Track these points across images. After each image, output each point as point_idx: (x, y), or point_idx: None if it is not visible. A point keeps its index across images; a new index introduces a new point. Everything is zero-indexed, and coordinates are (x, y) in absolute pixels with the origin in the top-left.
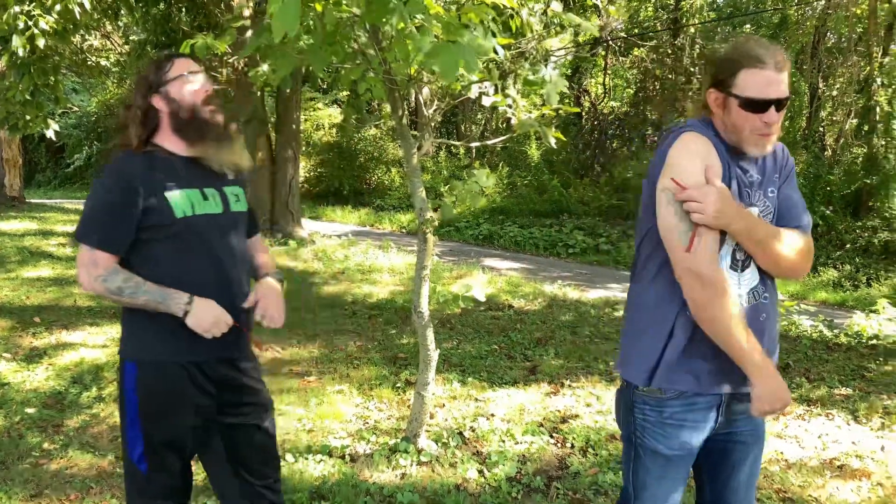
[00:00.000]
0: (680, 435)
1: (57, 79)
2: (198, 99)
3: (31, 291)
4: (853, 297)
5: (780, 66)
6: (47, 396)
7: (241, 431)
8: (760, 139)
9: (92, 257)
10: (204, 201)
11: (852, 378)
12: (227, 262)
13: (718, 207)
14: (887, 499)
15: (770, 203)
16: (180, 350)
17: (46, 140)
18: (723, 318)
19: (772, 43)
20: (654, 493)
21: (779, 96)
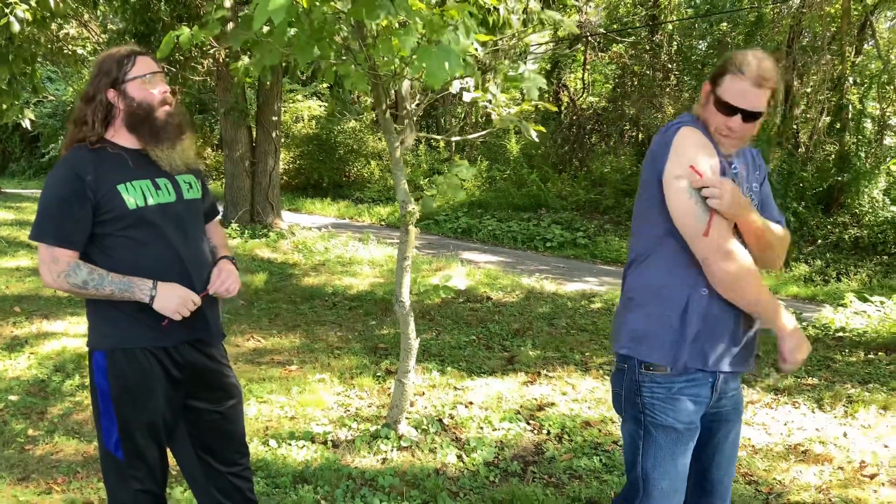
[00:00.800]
0: (689, 408)
1: (34, 67)
2: (155, 100)
3: (11, 281)
4: (823, 291)
5: (759, 82)
6: (30, 384)
7: (206, 416)
8: (721, 139)
9: (51, 254)
10: (157, 191)
11: (818, 368)
12: (182, 250)
13: (735, 198)
14: (847, 482)
15: (754, 196)
16: (148, 336)
17: (21, 129)
18: (753, 287)
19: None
20: (668, 469)
21: (746, 107)
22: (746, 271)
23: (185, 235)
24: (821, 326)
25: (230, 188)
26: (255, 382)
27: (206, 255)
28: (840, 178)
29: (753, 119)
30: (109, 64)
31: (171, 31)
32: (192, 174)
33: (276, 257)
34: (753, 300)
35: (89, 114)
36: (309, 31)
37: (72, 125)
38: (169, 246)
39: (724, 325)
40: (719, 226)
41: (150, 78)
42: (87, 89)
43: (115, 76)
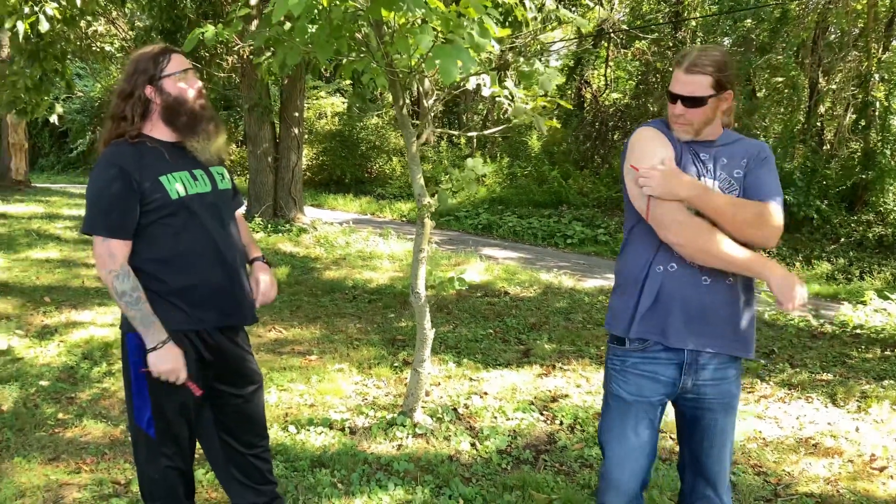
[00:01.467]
0: (639, 382)
1: (64, 64)
2: (190, 95)
3: (41, 272)
4: (846, 289)
5: (689, 68)
6: (60, 371)
7: (230, 400)
8: (675, 126)
9: (107, 248)
10: (194, 182)
11: (834, 364)
12: (217, 236)
13: (661, 182)
14: (856, 474)
15: (735, 182)
16: (183, 319)
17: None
18: (712, 247)
19: (711, 50)
20: (618, 436)
21: (678, 92)
22: (696, 238)
23: (221, 222)
24: (838, 323)
25: (254, 183)
26: (277, 371)
27: (237, 239)
28: (864, 176)
29: (693, 104)
30: (146, 62)
31: (197, 28)
32: (222, 165)
33: (299, 251)
34: (727, 260)
35: (128, 110)
36: (328, 28)
37: (109, 121)
38: (206, 232)
39: (684, 300)
40: (659, 206)
41: (184, 74)
42: (124, 86)
43: (151, 73)
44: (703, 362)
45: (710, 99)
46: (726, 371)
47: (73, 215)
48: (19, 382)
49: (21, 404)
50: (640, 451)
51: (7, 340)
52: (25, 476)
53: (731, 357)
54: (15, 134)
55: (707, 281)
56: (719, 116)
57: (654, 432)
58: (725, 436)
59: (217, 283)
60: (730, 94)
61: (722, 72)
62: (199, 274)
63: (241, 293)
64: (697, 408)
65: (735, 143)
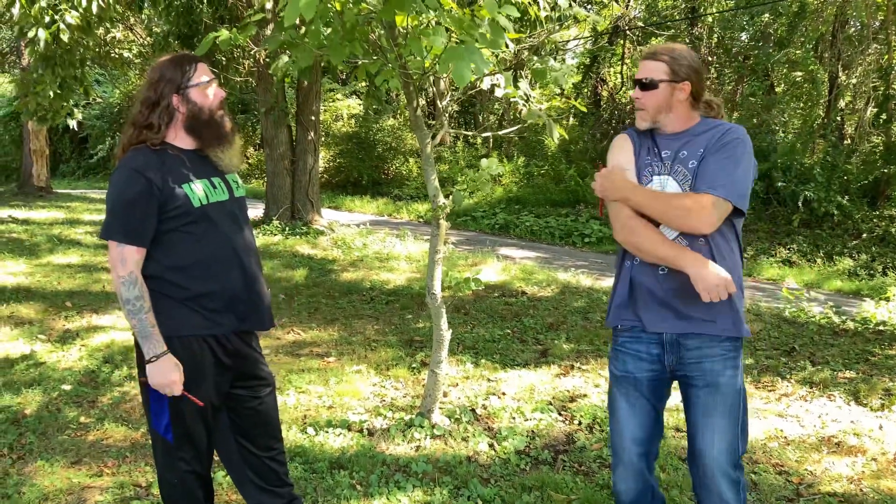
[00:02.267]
0: (626, 360)
1: (83, 71)
2: (214, 105)
3: (62, 277)
4: (868, 286)
5: (646, 55)
6: (81, 375)
7: (246, 403)
8: (636, 112)
9: (120, 254)
10: (213, 190)
11: (856, 362)
12: (236, 243)
13: (600, 184)
14: (880, 473)
15: (689, 173)
16: (202, 324)
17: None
18: (643, 244)
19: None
20: (612, 408)
21: (637, 77)
22: (630, 236)
23: (240, 229)
24: (861, 320)
25: (271, 186)
26: (295, 373)
27: (253, 245)
28: (886, 171)
29: (645, 88)
30: (172, 70)
31: (212, 32)
32: (236, 173)
33: (316, 253)
34: (653, 255)
35: (155, 118)
36: (342, 31)
37: (132, 128)
38: (225, 239)
39: (648, 289)
40: (608, 209)
41: (209, 83)
42: (149, 94)
43: (178, 82)
44: (683, 341)
45: (663, 84)
46: (708, 350)
47: (93, 220)
48: (42, 387)
49: (44, 408)
50: (631, 421)
51: (30, 345)
52: (48, 479)
53: (712, 336)
54: (36, 140)
55: (664, 270)
56: (680, 105)
57: (648, 406)
58: (710, 415)
59: (236, 289)
60: (686, 86)
61: (678, 62)
62: (219, 280)
63: (259, 298)
64: (687, 385)
65: (705, 132)
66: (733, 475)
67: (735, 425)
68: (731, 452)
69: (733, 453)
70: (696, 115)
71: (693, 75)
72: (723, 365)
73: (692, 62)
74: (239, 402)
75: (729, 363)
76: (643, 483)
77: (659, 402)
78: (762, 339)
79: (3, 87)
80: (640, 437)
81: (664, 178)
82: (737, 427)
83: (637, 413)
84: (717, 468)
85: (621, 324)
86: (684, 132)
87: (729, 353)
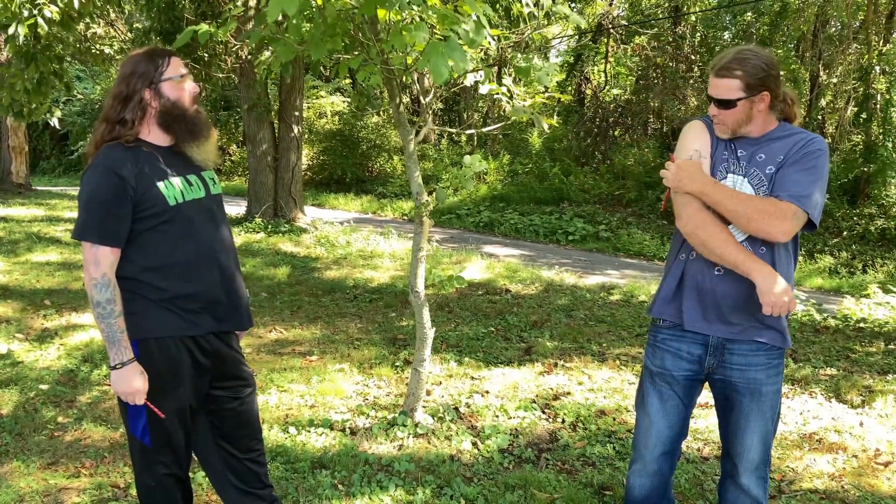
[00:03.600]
0: (664, 357)
1: (62, 67)
2: (187, 99)
3: (41, 275)
4: (848, 283)
5: (719, 72)
6: (60, 374)
7: (226, 404)
8: (715, 125)
9: (94, 255)
10: (189, 187)
11: (837, 359)
12: (214, 241)
13: (674, 175)
14: (861, 470)
15: (765, 178)
16: (179, 325)
17: (51, 128)
18: (710, 241)
19: (745, 51)
20: (640, 401)
21: (712, 95)
22: (698, 231)
23: (216, 227)
24: (841, 317)
25: (253, 183)
26: (277, 372)
27: (231, 244)
28: (866, 169)
29: (723, 106)
30: (144, 64)
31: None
32: (212, 169)
33: (299, 251)
34: (721, 256)
35: (128, 113)
36: (322, 26)
37: (105, 124)
38: (202, 238)
39: (699, 287)
40: (676, 198)
41: (182, 78)
42: (121, 89)
43: (150, 76)
44: (729, 346)
45: (740, 101)
46: (753, 358)
47: (73, 218)
48: (19, 386)
49: (20, 408)
50: (662, 420)
51: (7, 344)
52: (24, 480)
53: (759, 344)
54: (15, 137)
55: (720, 271)
56: (760, 115)
57: (681, 406)
58: (750, 420)
59: (214, 290)
60: (766, 95)
61: (752, 74)
62: (197, 281)
63: (237, 298)
64: (726, 389)
65: (783, 138)
66: (763, 473)
67: (771, 425)
68: (765, 452)
69: (766, 452)
70: (773, 117)
71: (770, 82)
72: (766, 374)
73: (767, 67)
74: (219, 404)
75: (772, 371)
76: (659, 481)
77: (690, 403)
78: None
79: None
80: (667, 437)
81: (738, 178)
82: (771, 426)
83: (668, 412)
84: (754, 470)
85: (664, 319)
86: (762, 136)
87: (772, 361)
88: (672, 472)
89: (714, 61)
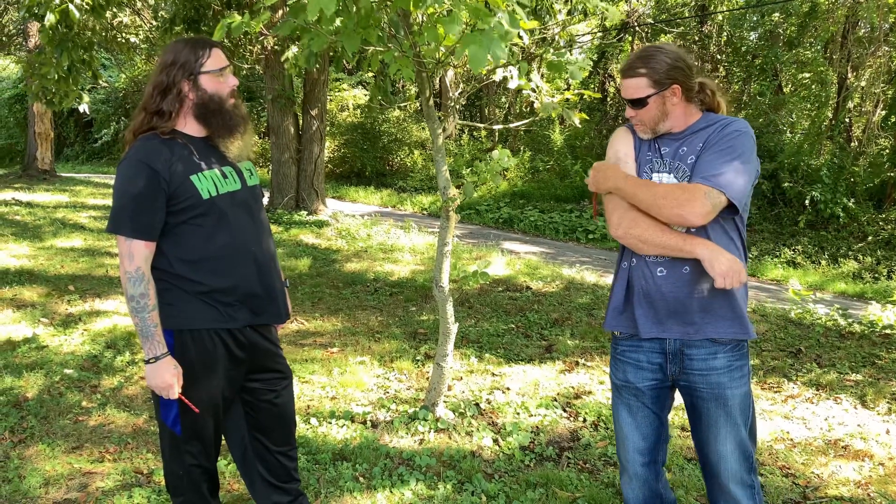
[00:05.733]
0: (626, 369)
1: (91, 54)
2: (225, 93)
3: (65, 261)
4: (873, 288)
5: (624, 73)
6: (84, 359)
7: (262, 396)
8: (634, 126)
9: (128, 249)
10: (224, 180)
11: (863, 365)
12: (249, 235)
13: (592, 178)
14: (887, 478)
15: (688, 169)
16: (215, 318)
17: (76, 115)
18: (645, 234)
19: (649, 49)
20: (613, 415)
21: (624, 97)
22: (630, 228)
23: (252, 220)
24: (867, 323)
25: (276, 174)
26: (298, 363)
27: (268, 236)
28: (893, 174)
29: (636, 106)
30: (186, 55)
31: (222, 17)
32: (250, 160)
33: (320, 243)
34: (658, 244)
35: (166, 105)
36: (356, 18)
37: (143, 114)
38: (237, 231)
39: (646, 292)
40: (604, 205)
41: (222, 72)
42: (161, 79)
43: (191, 67)
44: (688, 351)
45: (651, 98)
46: (714, 361)
47: (97, 205)
48: (44, 370)
49: (45, 392)
50: (634, 433)
51: (32, 328)
52: (50, 464)
53: (718, 345)
54: (41, 123)
55: (663, 272)
56: (676, 108)
57: (651, 416)
58: (720, 428)
59: (249, 284)
60: (676, 88)
61: (657, 70)
62: (232, 275)
63: (274, 291)
64: (691, 396)
65: (706, 127)
66: (748, 480)
67: (745, 430)
68: (745, 459)
69: (747, 459)
70: (695, 109)
71: (678, 74)
72: (729, 377)
73: (672, 60)
74: (254, 395)
75: (735, 373)
76: (649, 490)
77: (662, 411)
78: (768, 340)
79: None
80: (643, 448)
81: (663, 175)
82: (746, 432)
83: (640, 424)
84: (733, 478)
85: (618, 331)
86: (684, 130)
87: (735, 362)
88: (660, 478)
89: (622, 64)
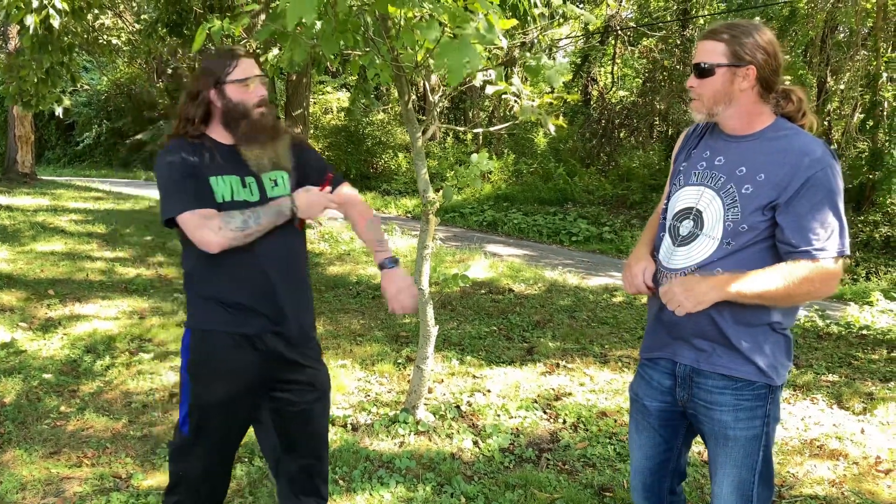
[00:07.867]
0: (639, 383)
1: (71, 57)
2: (251, 103)
3: (45, 265)
4: (851, 290)
5: (705, 35)
6: (63, 364)
7: (287, 406)
8: (691, 103)
9: (200, 215)
10: (242, 188)
11: (839, 365)
12: (260, 247)
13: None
14: (861, 476)
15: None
16: (229, 322)
17: (56, 118)
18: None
19: (739, 20)
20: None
21: (695, 60)
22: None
23: (270, 235)
24: (844, 324)
25: None
26: None
27: (291, 249)
28: (872, 176)
29: (702, 74)
30: (215, 65)
31: (204, 21)
32: (282, 170)
33: None
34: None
35: (191, 111)
36: (334, 23)
37: (176, 119)
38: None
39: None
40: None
41: (247, 81)
42: (192, 86)
43: (217, 77)
44: (697, 379)
45: (720, 69)
46: (719, 396)
47: (78, 208)
48: (22, 375)
49: (23, 396)
50: (635, 448)
51: (10, 333)
52: (27, 469)
53: (728, 380)
54: (21, 126)
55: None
56: (743, 97)
57: (657, 439)
58: (719, 466)
59: (256, 296)
60: (750, 70)
61: (739, 40)
62: (239, 289)
63: (286, 306)
64: (699, 426)
65: (775, 140)
66: None
67: (750, 475)
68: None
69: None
70: (768, 110)
71: (761, 56)
72: (733, 416)
73: (760, 40)
74: (281, 405)
75: (742, 414)
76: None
77: (672, 437)
78: None
79: None
80: (645, 467)
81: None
82: (752, 476)
83: (643, 444)
84: None
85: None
86: (749, 136)
87: (743, 402)
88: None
89: (708, 27)
